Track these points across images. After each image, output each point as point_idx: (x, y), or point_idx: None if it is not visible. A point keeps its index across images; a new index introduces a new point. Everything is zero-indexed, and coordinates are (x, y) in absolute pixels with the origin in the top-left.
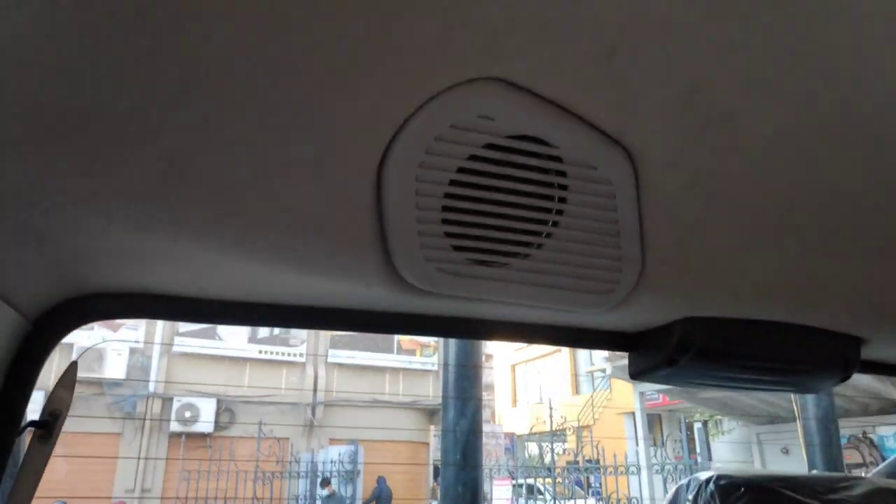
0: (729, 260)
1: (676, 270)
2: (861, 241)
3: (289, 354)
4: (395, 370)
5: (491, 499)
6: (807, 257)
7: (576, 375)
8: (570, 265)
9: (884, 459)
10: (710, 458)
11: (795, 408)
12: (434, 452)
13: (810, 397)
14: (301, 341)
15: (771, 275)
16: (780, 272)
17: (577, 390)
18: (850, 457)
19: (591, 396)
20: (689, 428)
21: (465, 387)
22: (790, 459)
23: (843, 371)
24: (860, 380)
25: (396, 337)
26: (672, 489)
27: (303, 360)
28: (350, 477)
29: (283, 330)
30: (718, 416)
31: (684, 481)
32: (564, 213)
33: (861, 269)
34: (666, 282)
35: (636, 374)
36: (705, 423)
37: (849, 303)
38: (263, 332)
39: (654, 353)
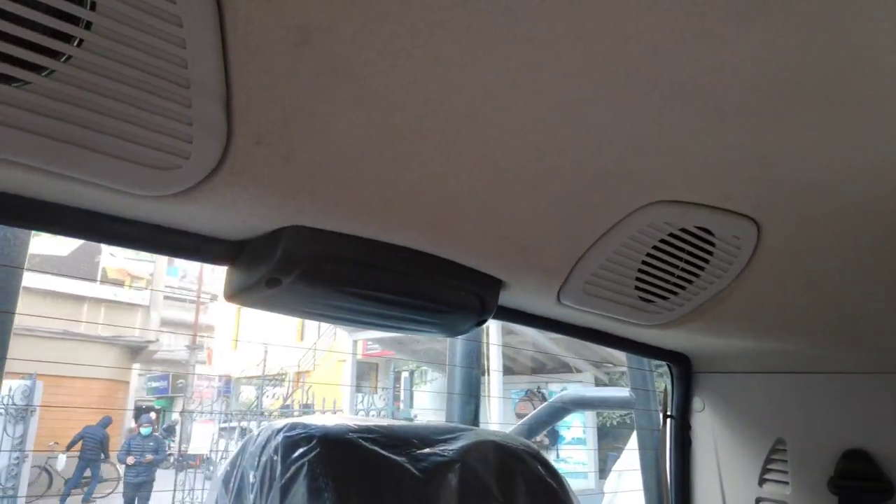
0: (358, 158)
1: (281, 157)
2: (509, 181)
3: None
4: (96, 301)
5: (190, 440)
6: (449, 180)
7: (302, 323)
8: (98, 111)
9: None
10: (411, 406)
11: (483, 362)
12: (137, 392)
13: (459, 348)
14: None
15: (406, 191)
16: (416, 193)
17: (302, 336)
18: (524, 408)
19: (315, 343)
20: (398, 377)
21: None
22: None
23: (480, 314)
24: (541, 341)
25: (102, 265)
26: (241, 442)
27: None
28: (21, 415)
29: None
30: (424, 367)
31: (256, 432)
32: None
33: (506, 206)
34: (267, 171)
35: (233, 294)
36: (412, 373)
37: (493, 242)
38: None
39: (253, 270)
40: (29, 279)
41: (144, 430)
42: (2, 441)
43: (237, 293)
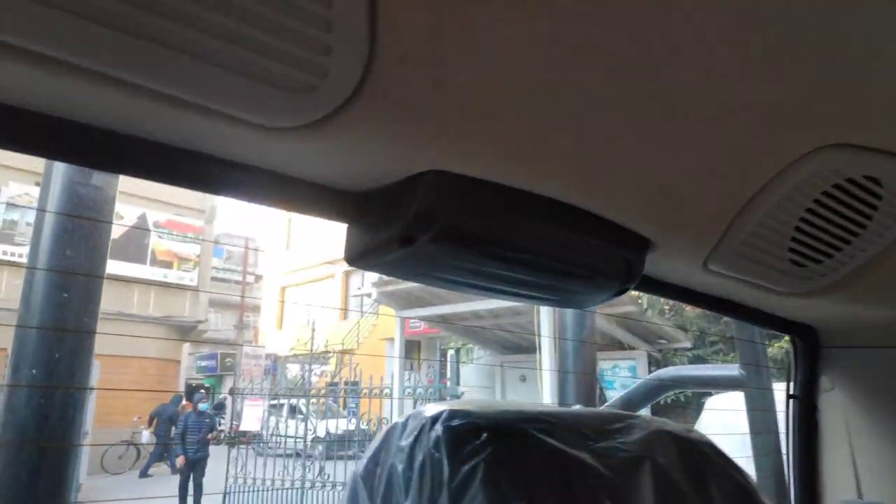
0: (516, 83)
1: (430, 79)
2: (668, 123)
3: (9, 254)
4: (146, 282)
5: (241, 418)
6: (608, 120)
7: (346, 301)
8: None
9: (602, 390)
10: (458, 383)
11: (536, 338)
12: (187, 371)
13: (571, 320)
14: (26, 239)
15: (561, 130)
16: (572, 132)
17: (345, 316)
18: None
19: (358, 321)
20: (444, 354)
21: None
22: (527, 386)
23: (624, 281)
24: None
25: (151, 246)
26: (381, 431)
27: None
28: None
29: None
30: (470, 345)
31: (401, 419)
32: None
33: (662, 154)
34: (412, 97)
35: (355, 256)
36: (458, 351)
37: (646, 195)
38: None
39: (382, 226)
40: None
41: (203, 406)
42: None
43: (360, 255)
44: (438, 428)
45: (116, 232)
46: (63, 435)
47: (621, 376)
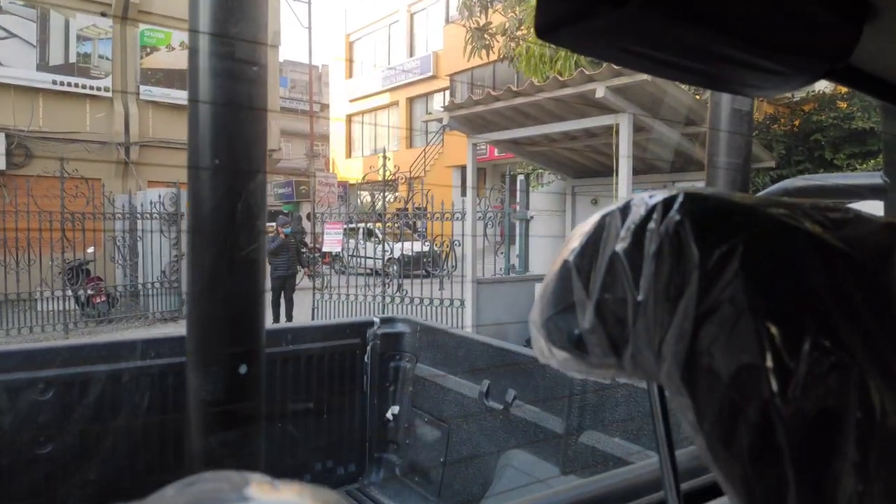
0: None
1: None
2: None
3: (91, 88)
4: None
5: (323, 241)
6: None
7: (410, 129)
8: None
9: None
10: (528, 207)
11: (613, 161)
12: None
13: (725, 111)
14: (105, 73)
15: None
16: None
17: (410, 144)
18: None
19: (424, 149)
20: (513, 180)
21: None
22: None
23: (831, 60)
24: (673, 137)
25: None
26: (591, 219)
27: (108, 94)
28: (173, 220)
29: (82, 58)
30: (540, 170)
31: (615, 206)
32: None
33: None
34: None
35: (549, 25)
36: (527, 176)
37: None
38: (56, 58)
39: None
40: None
41: (286, 230)
42: (161, 242)
43: (556, 23)
44: (675, 213)
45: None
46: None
47: None
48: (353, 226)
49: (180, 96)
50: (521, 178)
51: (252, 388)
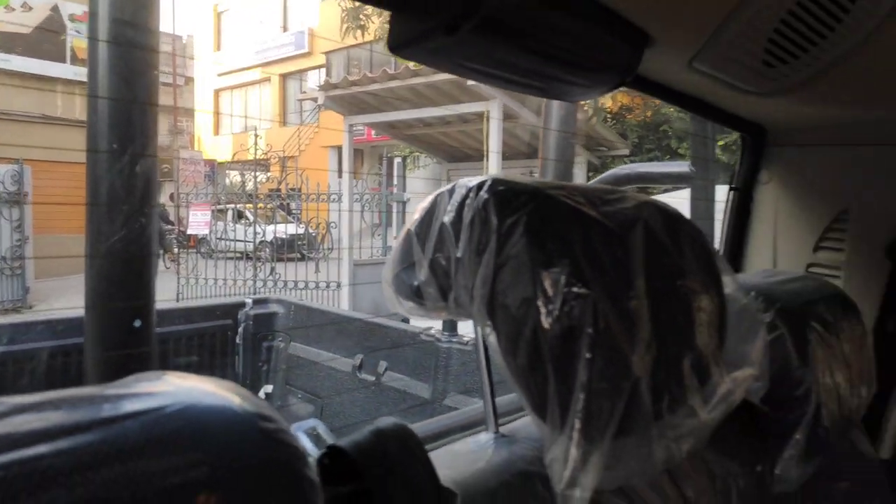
0: None
1: None
2: None
3: None
4: (69, 82)
5: (188, 224)
6: None
7: (284, 107)
8: None
9: None
10: (405, 190)
11: (483, 147)
12: None
13: (555, 112)
14: None
15: None
16: None
17: (284, 122)
18: None
19: (298, 128)
20: (390, 163)
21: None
22: None
23: (621, 74)
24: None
25: (70, 43)
26: (428, 198)
27: None
28: (15, 199)
29: None
30: (417, 153)
31: (445, 188)
32: None
33: None
34: None
35: (399, 44)
36: (404, 159)
37: None
38: None
39: (429, 14)
40: None
41: None
42: (1, 225)
43: (404, 43)
44: (484, 194)
45: (27, 26)
46: None
47: None
48: (221, 207)
49: (22, 64)
50: (397, 160)
51: (146, 340)
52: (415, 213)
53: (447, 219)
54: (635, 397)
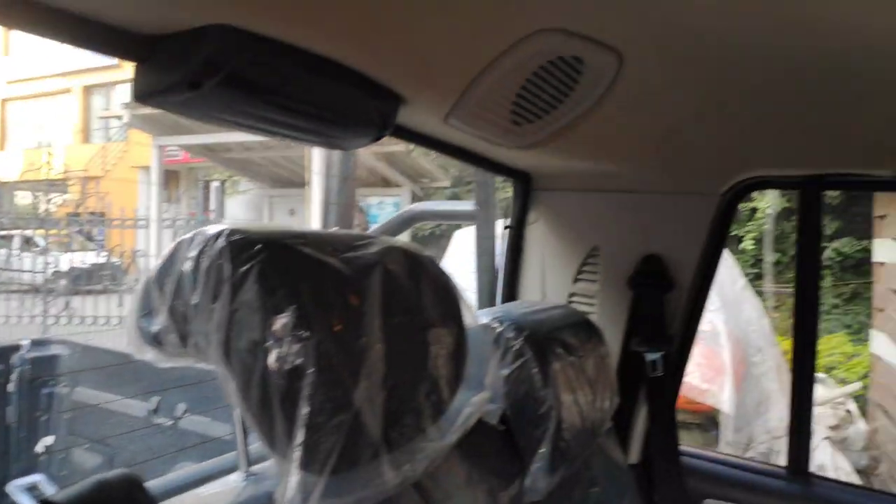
0: None
1: None
2: None
3: None
4: None
5: None
6: None
7: (87, 121)
8: None
9: (369, 223)
10: (223, 216)
11: (306, 173)
12: None
13: (337, 158)
14: None
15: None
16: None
17: (87, 139)
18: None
19: (104, 146)
20: (207, 186)
21: None
22: (296, 219)
23: (379, 130)
24: (362, 156)
25: None
26: (170, 246)
27: None
28: None
29: None
30: (236, 177)
31: (188, 235)
32: None
33: (416, 21)
34: None
35: (144, 94)
36: (223, 183)
37: (401, 55)
38: None
39: (172, 69)
40: None
41: None
42: None
43: (149, 94)
44: (221, 242)
45: None
46: None
47: (386, 211)
48: (4, 233)
49: None
50: (215, 185)
51: None
52: (159, 258)
53: (186, 266)
54: (360, 429)
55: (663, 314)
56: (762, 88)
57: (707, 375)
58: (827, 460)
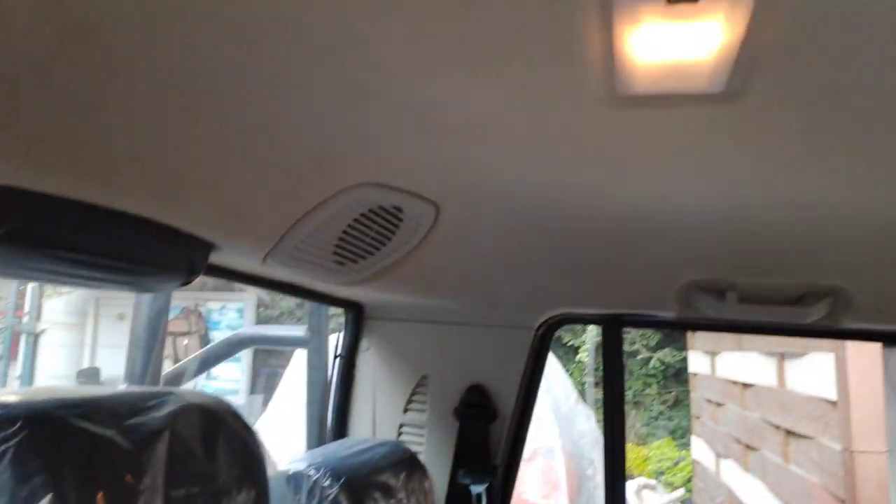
0: (85, 121)
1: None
2: (233, 155)
3: None
4: None
5: None
6: (177, 151)
7: None
8: None
9: (208, 329)
10: (39, 319)
11: None
12: None
13: (146, 297)
14: None
15: (132, 157)
16: (142, 160)
17: None
18: (179, 326)
19: None
20: (23, 284)
21: None
22: (126, 324)
23: (188, 275)
24: None
25: None
26: None
27: None
28: None
29: None
30: None
31: None
32: None
33: (228, 177)
34: None
35: None
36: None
37: (211, 209)
38: None
39: None
40: None
41: None
42: None
43: None
44: None
45: None
46: None
47: (229, 318)
48: None
49: None
50: (32, 284)
51: None
52: None
53: None
54: None
55: (488, 444)
56: (563, 238)
57: (544, 491)
58: None
